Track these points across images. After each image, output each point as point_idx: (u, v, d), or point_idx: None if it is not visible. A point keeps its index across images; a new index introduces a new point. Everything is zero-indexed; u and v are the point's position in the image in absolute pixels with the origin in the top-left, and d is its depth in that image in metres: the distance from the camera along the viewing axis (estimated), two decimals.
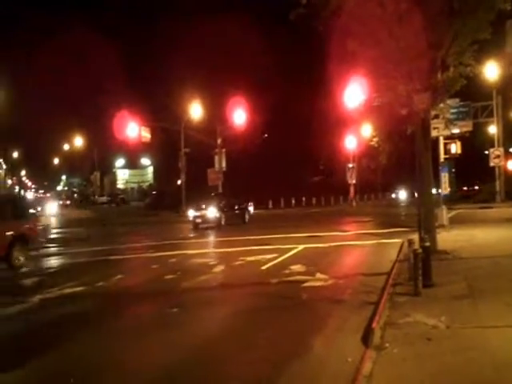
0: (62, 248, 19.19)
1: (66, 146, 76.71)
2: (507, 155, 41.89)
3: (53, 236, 24.84)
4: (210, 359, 6.41)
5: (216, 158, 41.31)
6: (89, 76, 63.86)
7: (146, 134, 37.99)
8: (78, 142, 70.22)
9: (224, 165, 41.41)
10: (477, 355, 5.57)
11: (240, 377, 5.81)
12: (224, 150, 41.49)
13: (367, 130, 50.36)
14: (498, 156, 37.37)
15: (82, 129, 69.16)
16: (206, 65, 49.34)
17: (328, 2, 11.92)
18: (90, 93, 63.01)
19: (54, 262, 16.07)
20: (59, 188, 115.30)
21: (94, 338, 7.50)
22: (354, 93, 15.24)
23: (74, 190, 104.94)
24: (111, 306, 9.71)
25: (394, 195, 70.09)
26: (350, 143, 50.47)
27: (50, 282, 11.98)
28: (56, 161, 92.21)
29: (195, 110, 43.62)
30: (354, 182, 50.45)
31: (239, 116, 38.35)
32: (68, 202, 73.64)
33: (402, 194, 67.35)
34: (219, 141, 40.98)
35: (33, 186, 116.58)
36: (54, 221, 38.98)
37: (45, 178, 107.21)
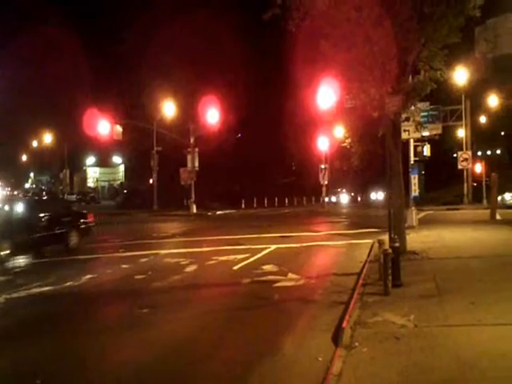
0: None
1: (35, 143, 75.07)
2: (475, 158, 42.98)
3: None
4: (181, 359, 6.37)
5: (188, 157, 41.06)
6: (59, 72, 62.48)
7: (118, 132, 37.46)
8: (48, 138, 68.82)
9: (197, 164, 41.18)
10: (443, 353, 5.70)
11: (211, 376, 5.80)
12: (197, 149, 41.26)
13: (340, 132, 50.84)
14: (466, 159, 38.31)
15: (52, 125, 67.79)
16: (178, 63, 48.97)
17: (301, 4, 11.99)
18: (60, 89, 61.75)
19: (21, 260, 15.69)
20: (27, 186, 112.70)
21: (61, 339, 7.35)
22: (327, 94, 15.36)
23: (43, 187, 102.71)
24: (79, 306, 9.54)
25: (333, 199, 60.36)
26: (323, 144, 50.82)
27: (16, 282, 11.70)
28: (24, 157, 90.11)
29: (168, 109, 43.33)
30: (326, 182, 50.83)
31: (212, 115, 38.18)
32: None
33: (344, 198, 59.55)
34: (192, 140, 40.74)
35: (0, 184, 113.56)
36: None
37: (12, 175, 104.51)
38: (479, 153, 51.93)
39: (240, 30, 47.68)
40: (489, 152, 58.58)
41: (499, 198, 34.95)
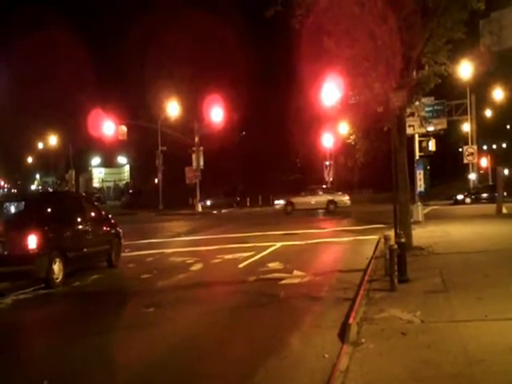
0: None
1: (40, 145, 75.40)
2: (480, 153, 42.79)
3: None
4: (187, 357, 6.37)
5: (193, 156, 41.11)
6: (63, 73, 62.63)
7: (123, 132, 37.57)
8: (53, 140, 69.08)
9: (202, 163, 41.24)
10: (450, 348, 5.66)
11: (218, 374, 5.79)
12: (201, 148, 41.31)
13: (344, 128, 50.65)
14: (472, 153, 38.12)
15: (57, 127, 67.96)
16: (182, 63, 49.00)
17: (303, 1, 11.96)
18: (64, 90, 61.82)
19: None
20: (33, 187, 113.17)
21: (67, 340, 7.36)
22: (331, 91, 15.34)
23: (49, 189, 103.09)
24: (85, 306, 9.57)
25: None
26: (327, 141, 50.69)
27: (24, 282, 11.72)
28: (30, 159, 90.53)
29: (172, 108, 43.41)
30: (331, 179, 50.69)
31: (216, 114, 38.23)
32: None
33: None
34: (196, 139, 40.78)
35: (5, 186, 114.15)
36: None
37: (18, 178, 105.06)
38: (485, 147, 51.75)
39: (243, 28, 47.64)
40: (494, 146, 58.33)
41: None
